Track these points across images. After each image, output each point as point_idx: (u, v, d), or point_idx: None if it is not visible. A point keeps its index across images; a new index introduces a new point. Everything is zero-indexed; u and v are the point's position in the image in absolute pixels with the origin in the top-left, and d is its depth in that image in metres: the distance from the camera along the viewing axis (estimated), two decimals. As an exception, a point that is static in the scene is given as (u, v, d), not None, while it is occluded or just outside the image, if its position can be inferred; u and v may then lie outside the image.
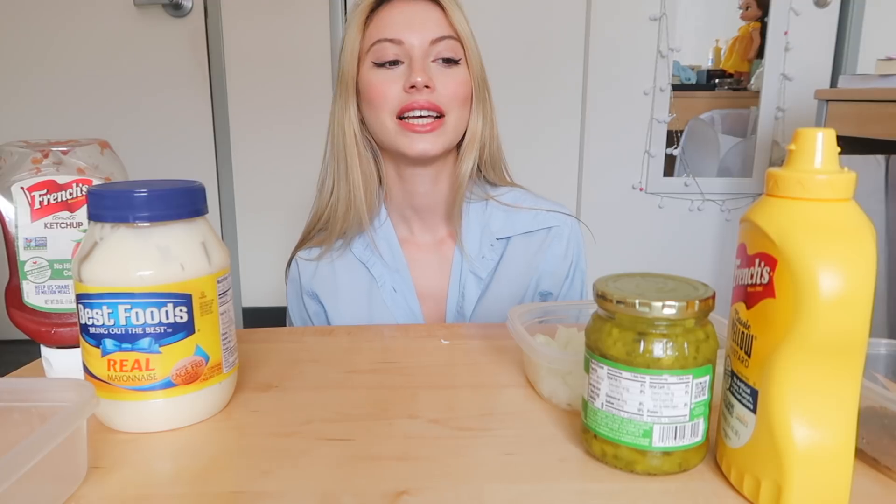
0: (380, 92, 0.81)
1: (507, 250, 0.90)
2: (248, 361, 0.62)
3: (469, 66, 0.85)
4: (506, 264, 0.89)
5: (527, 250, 0.90)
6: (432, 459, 0.44)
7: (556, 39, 1.99)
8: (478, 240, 0.89)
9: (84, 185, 0.56)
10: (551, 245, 0.90)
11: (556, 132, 2.05)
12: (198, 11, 1.94)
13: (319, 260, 0.91)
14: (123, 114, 2.00)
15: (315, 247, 0.92)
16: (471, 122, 0.87)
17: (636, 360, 0.40)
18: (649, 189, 2.06)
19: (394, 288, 0.89)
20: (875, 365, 0.50)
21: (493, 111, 0.90)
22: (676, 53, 1.98)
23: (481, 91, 0.87)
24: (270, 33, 1.97)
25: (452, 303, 0.88)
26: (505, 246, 0.90)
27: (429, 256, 0.91)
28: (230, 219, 2.10)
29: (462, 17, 0.84)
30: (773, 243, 0.35)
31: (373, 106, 0.83)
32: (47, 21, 1.95)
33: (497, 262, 0.89)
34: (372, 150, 0.89)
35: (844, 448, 0.36)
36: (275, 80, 2.00)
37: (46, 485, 0.39)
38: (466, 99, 0.85)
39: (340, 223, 0.88)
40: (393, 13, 0.82)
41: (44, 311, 0.57)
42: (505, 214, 0.90)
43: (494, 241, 0.89)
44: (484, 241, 0.89)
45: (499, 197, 0.91)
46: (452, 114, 0.83)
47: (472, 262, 0.89)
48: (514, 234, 0.90)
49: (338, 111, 0.87)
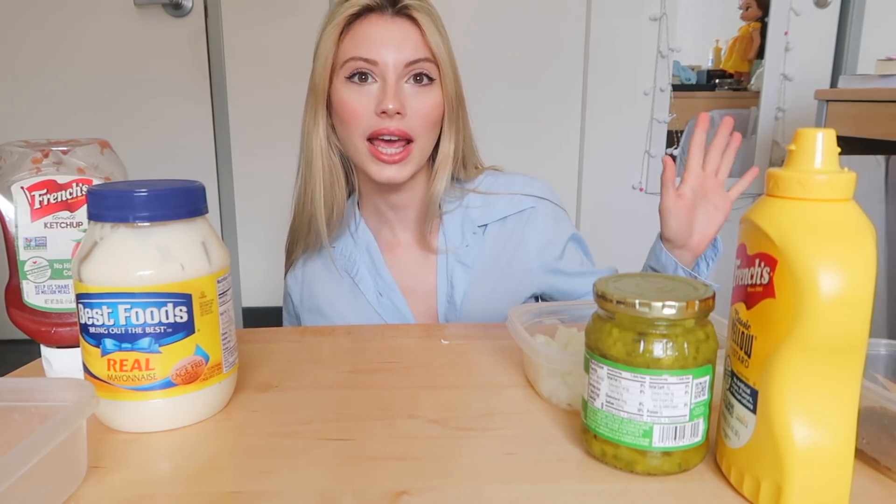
0: (352, 111, 0.81)
1: (489, 233, 0.89)
2: (248, 361, 0.62)
3: (443, 87, 0.83)
4: (491, 247, 0.89)
5: (512, 230, 0.89)
6: (432, 459, 0.44)
7: (556, 39, 1.99)
8: (459, 231, 0.89)
9: (84, 184, 0.56)
10: (534, 220, 0.89)
11: (556, 132, 2.05)
12: (198, 11, 1.94)
13: (304, 278, 0.93)
14: (123, 114, 2.00)
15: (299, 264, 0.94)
16: (442, 143, 0.86)
17: (636, 360, 0.40)
18: (649, 189, 2.06)
19: (379, 292, 0.89)
20: (875, 365, 0.50)
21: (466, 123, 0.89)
22: (676, 53, 1.98)
23: (454, 111, 0.85)
24: (270, 33, 1.97)
25: (443, 296, 0.88)
26: (486, 230, 0.90)
27: (411, 255, 0.91)
28: (230, 219, 2.10)
29: (439, 37, 0.82)
30: (773, 243, 0.35)
31: (344, 124, 0.82)
32: (47, 21, 1.94)
33: (481, 247, 0.89)
34: (342, 159, 0.88)
35: (844, 448, 0.36)
36: (275, 80, 2.00)
37: (46, 485, 0.39)
38: (437, 121, 0.84)
39: (304, 238, 0.90)
40: (369, 30, 0.81)
41: (44, 311, 0.57)
42: (482, 201, 0.90)
43: (476, 228, 0.89)
44: (466, 230, 0.89)
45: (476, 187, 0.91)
46: (422, 139, 0.82)
47: (457, 252, 0.89)
48: (492, 219, 0.89)
49: (307, 122, 0.86)
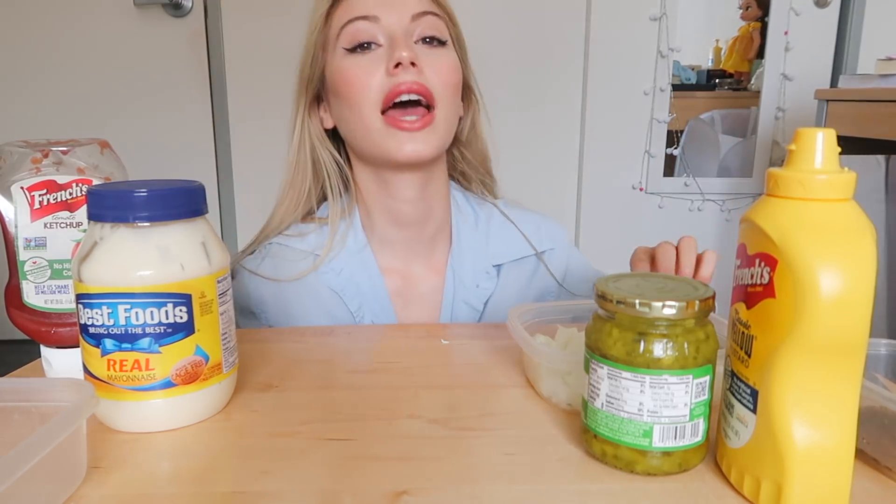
0: (358, 80, 0.69)
1: (504, 274, 0.80)
2: (248, 361, 0.62)
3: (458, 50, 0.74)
4: (503, 291, 0.79)
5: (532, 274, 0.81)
6: (432, 459, 0.44)
7: (556, 39, 1.99)
8: (471, 266, 0.78)
9: (84, 184, 0.56)
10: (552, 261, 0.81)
11: (556, 132, 2.05)
12: (198, 11, 1.94)
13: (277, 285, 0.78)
14: (123, 114, 2.00)
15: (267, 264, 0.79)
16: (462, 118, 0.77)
17: (636, 360, 0.40)
18: (649, 189, 2.06)
19: (373, 321, 0.78)
20: (875, 365, 0.50)
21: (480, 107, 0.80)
22: (676, 53, 1.98)
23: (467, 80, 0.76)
24: (270, 33, 1.97)
25: None
26: (500, 270, 0.79)
27: (415, 286, 0.79)
28: (230, 219, 2.10)
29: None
30: (773, 243, 0.35)
31: (350, 100, 0.70)
32: (47, 21, 1.94)
33: (492, 289, 0.78)
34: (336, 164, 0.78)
35: (844, 448, 0.36)
36: (275, 80, 1.99)
37: (46, 485, 0.38)
38: (458, 87, 0.73)
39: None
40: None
41: (44, 311, 0.57)
42: (500, 234, 0.80)
43: (490, 268, 0.79)
44: (478, 268, 0.78)
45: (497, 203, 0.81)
46: (443, 104, 0.71)
47: (466, 292, 0.77)
48: (510, 259, 0.79)
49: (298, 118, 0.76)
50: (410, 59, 0.67)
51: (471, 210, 0.82)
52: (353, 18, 0.70)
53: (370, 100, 0.69)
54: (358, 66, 0.70)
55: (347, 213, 0.79)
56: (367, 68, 0.69)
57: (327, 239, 0.78)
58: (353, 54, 0.70)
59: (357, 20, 0.69)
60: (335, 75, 0.72)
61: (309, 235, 0.80)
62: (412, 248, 0.79)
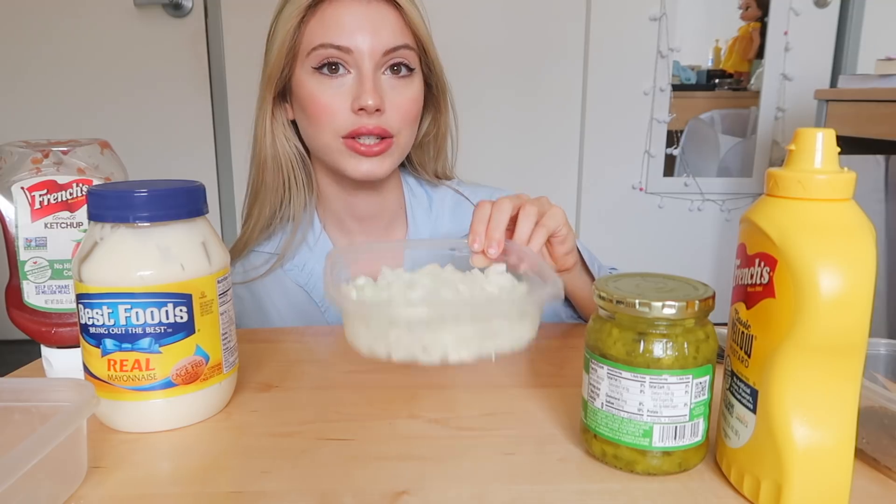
0: (324, 108, 0.71)
1: None
2: (248, 361, 0.62)
3: (424, 74, 0.76)
4: None
5: None
6: (432, 459, 0.44)
7: (555, 39, 1.99)
8: None
9: (84, 185, 0.56)
10: None
11: (557, 132, 2.05)
12: (198, 11, 1.94)
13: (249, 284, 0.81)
14: (123, 114, 1.99)
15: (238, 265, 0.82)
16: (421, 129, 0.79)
17: (636, 360, 0.40)
18: (649, 189, 2.06)
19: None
20: (875, 365, 0.50)
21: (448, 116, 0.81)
22: (676, 53, 1.98)
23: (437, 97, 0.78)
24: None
25: None
26: None
27: None
28: (230, 219, 2.10)
29: (419, 16, 0.74)
30: (773, 243, 0.35)
31: (314, 122, 0.73)
32: (47, 21, 1.94)
33: None
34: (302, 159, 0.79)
35: (844, 448, 0.36)
36: (275, 80, 2.00)
37: (46, 485, 0.39)
38: (417, 116, 0.76)
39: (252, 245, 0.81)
40: (341, 12, 0.70)
41: (44, 311, 0.57)
42: (455, 212, 0.82)
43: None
44: None
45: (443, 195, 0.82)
46: (402, 134, 0.74)
47: None
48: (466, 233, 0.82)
49: (261, 119, 0.77)
50: (375, 105, 0.69)
51: (424, 193, 0.84)
52: (326, 44, 0.71)
53: (333, 126, 0.72)
54: (324, 93, 0.72)
55: (308, 204, 0.81)
56: (334, 96, 0.71)
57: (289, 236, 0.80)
58: (321, 74, 0.72)
59: (329, 47, 0.71)
60: (302, 89, 0.73)
61: (275, 235, 0.82)
62: (370, 236, 0.82)
